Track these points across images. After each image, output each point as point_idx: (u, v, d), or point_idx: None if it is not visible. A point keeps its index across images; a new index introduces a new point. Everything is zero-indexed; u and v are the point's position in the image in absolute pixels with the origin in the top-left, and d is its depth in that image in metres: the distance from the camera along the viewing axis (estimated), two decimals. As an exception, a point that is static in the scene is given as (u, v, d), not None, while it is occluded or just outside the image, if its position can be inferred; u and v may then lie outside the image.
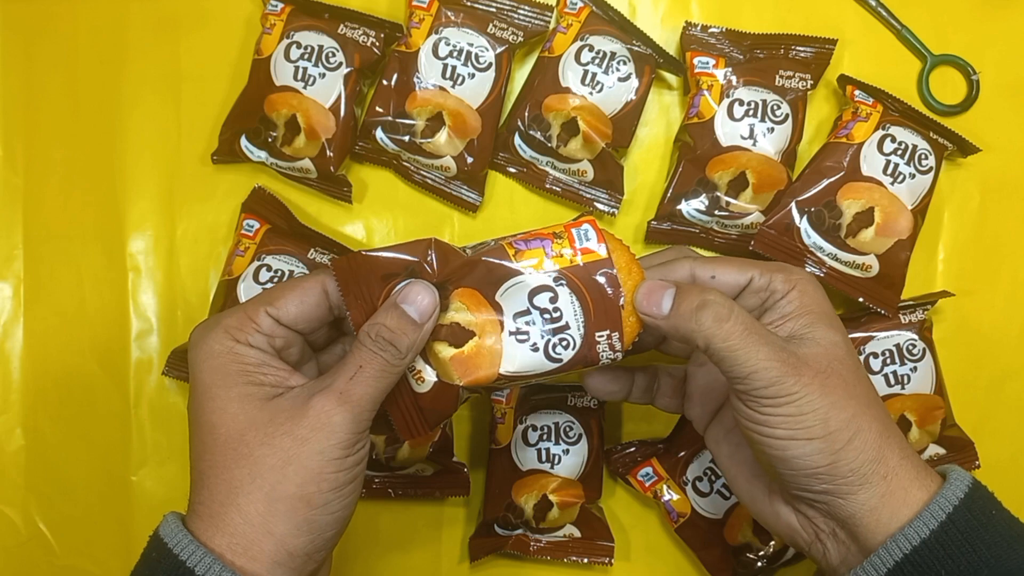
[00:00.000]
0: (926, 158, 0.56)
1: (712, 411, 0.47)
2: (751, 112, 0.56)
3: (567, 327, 0.40)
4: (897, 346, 0.56)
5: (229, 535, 0.35)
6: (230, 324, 0.38)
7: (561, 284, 0.41)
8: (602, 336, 0.40)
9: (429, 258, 0.41)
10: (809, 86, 0.57)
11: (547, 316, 0.40)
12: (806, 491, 0.39)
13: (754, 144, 0.56)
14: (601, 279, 0.40)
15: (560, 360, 0.41)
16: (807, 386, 0.37)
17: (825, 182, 0.56)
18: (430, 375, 0.40)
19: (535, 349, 0.40)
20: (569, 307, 0.40)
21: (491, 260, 0.41)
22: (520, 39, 0.57)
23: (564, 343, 0.40)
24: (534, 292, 0.41)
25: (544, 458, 0.56)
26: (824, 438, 0.37)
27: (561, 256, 0.41)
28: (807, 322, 0.40)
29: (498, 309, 0.41)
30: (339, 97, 0.56)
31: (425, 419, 0.41)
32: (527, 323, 0.40)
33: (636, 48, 0.57)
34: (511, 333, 0.40)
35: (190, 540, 0.35)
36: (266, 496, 0.35)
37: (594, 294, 0.40)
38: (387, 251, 0.40)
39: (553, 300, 0.41)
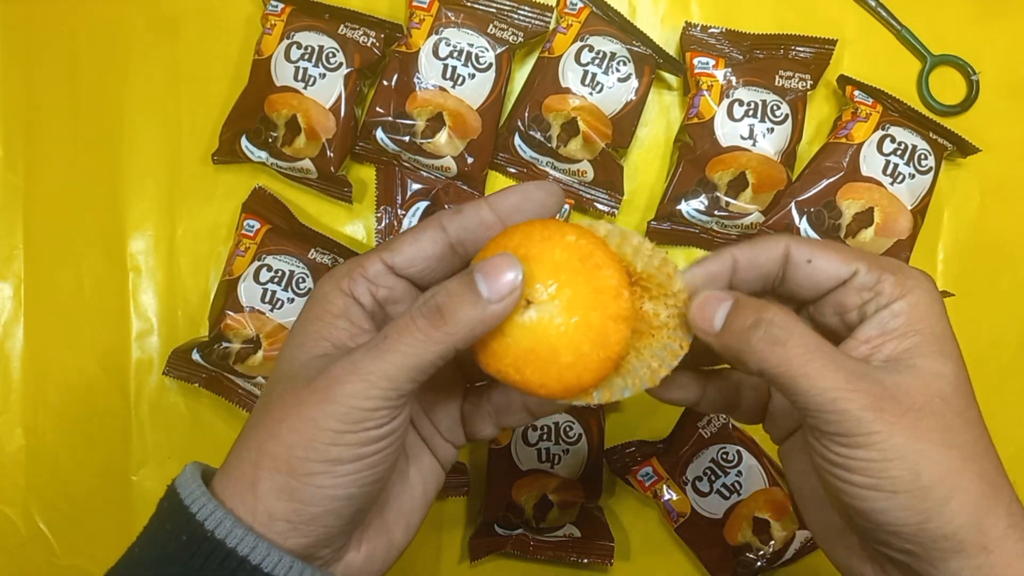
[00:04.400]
0: (926, 158, 0.56)
1: (792, 429, 0.40)
2: (751, 112, 0.56)
3: None
4: (897, 346, 0.57)
5: (227, 478, 0.33)
6: (340, 271, 0.36)
7: None
8: None
9: (446, 189, 0.56)
10: (809, 86, 0.57)
11: None
12: (886, 547, 0.33)
13: (754, 144, 0.56)
14: None
15: None
16: (892, 425, 0.31)
17: (825, 182, 0.56)
18: None
19: None
20: None
21: None
22: (520, 39, 0.57)
23: None
24: None
25: (544, 458, 0.56)
26: (913, 492, 0.31)
27: None
28: (912, 344, 0.33)
29: None
30: (339, 97, 0.56)
31: None
32: None
33: (636, 48, 0.57)
34: None
35: (197, 484, 0.33)
36: (259, 447, 0.32)
37: None
38: (419, 177, 0.57)
39: None
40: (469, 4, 0.58)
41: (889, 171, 0.56)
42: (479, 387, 0.39)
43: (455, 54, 0.56)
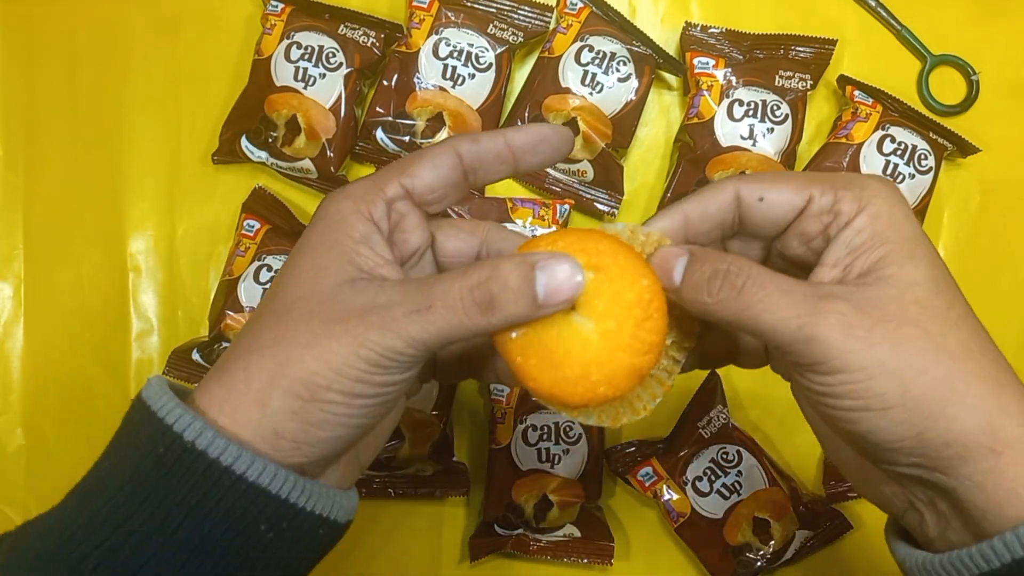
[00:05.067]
0: (926, 158, 0.56)
1: None
2: (751, 112, 0.56)
3: None
4: (897, 346, 0.57)
5: (225, 390, 0.32)
6: (355, 191, 0.34)
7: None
8: None
9: None
10: (809, 86, 0.57)
11: None
12: (894, 465, 0.32)
13: (754, 144, 0.56)
14: None
15: None
16: (865, 340, 0.30)
17: (825, 182, 0.56)
18: None
19: None
20: None
21: (491, 205, 0.55)
22: (520, 39, 0.57)
23: None
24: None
25: (544, 458, 0.56)
26: (904, 406, 0.30)
27: (542, 219, 0.56)
28: (880, 255, 0.32)
29: None
30: (339, 97, 0.56)
31: None
32: None
33: (636, 48, 0.57)
34: None
35: (169, 397, 0.32)
36: (276, 366, 0.32)
37: None
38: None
39: None
40: (469, 4, 0.58)
41: (889, 171, 0.56)
42: None
43: (455, 54, 0.56)
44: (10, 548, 0.33)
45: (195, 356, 0.56)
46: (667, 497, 0.57)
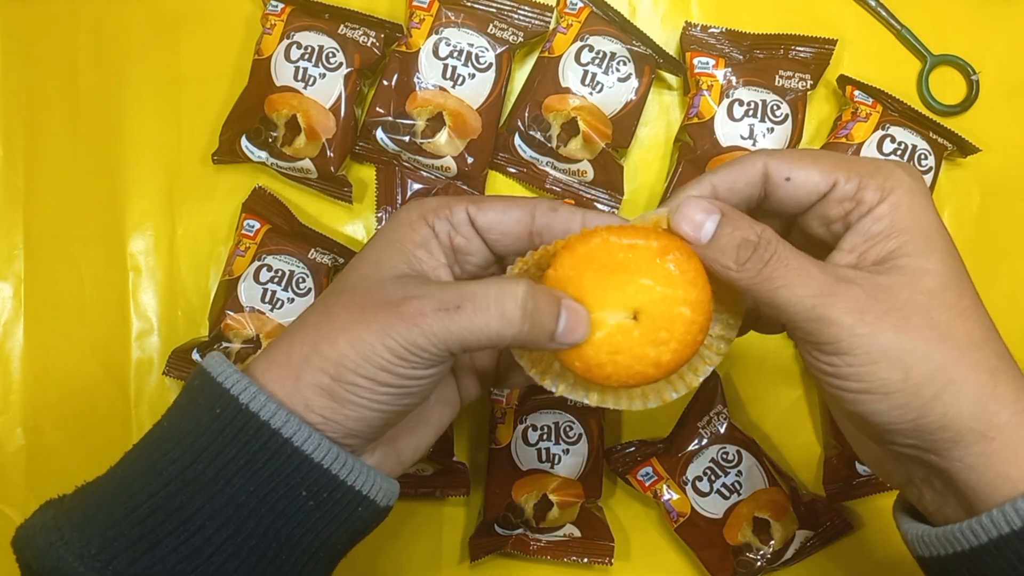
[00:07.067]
0: (926, 158, 0.56)
1: None
2: (751, 112, 0.56)
3: None
4: (897, 346, 0.57)
5: (269, 363, 0.35)
6: (429, 204, 0.38)
7: None
8: None
9: (447, 189, 0.57)
10: (809, 86, 0.57)
11: None
12: (892, 445, 0.34)
13: (754, 144, 0.56)
14: None
15: None
16: (874, 327, 0.31)
17: (825, 182, 0.56)
18: None
19: None
20: None
21: None
22: (520, 39, 0.57)
23: None
24: None
25: (544, 458, 0.56)
26: (905, 391, 0.32)
27: None
28: (896, 245, 0.33)
29: None
30: (339, 97, 0.56)
31: None
32: None
33: (636, 48, 0.57)
34: None
35: (228, 365, 0.35)
36: (313, 345, 0.34)
37: None
38: (419, 177, 0.57)
39: None
40: (469, 4, 0.58)
41: (889, 171, 0.56)
42: None
43: (455, 54, 0.56)
44: (72, 498, 0.35)
45: (195, 356, 0.56)
46: (667, 497, 0.57)
